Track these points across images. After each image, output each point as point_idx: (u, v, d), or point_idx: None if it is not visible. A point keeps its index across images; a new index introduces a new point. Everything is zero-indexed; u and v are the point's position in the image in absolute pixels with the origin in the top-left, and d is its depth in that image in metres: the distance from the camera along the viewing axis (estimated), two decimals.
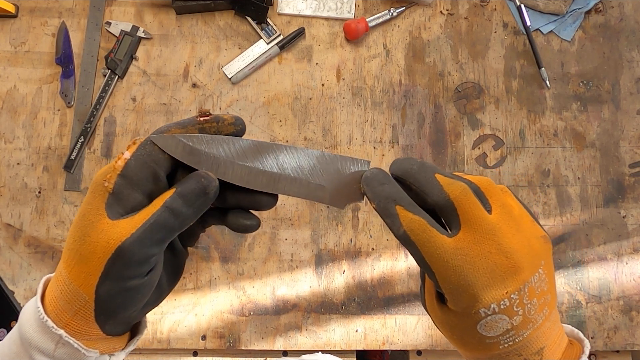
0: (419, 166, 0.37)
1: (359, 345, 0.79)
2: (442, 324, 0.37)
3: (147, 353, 0.79)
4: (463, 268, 0.34)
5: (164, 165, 0.35)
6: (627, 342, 0.79)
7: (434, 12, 0.89)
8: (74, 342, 0.34)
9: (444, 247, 0.34)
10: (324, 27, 0.89)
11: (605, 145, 0.85)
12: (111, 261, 0.33)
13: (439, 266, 0.34)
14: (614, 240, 0.82)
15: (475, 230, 0.34)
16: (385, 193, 0.36)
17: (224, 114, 0.37)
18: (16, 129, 0.84)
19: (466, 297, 0.34)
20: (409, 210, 0.35)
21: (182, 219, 0.34)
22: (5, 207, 0.82)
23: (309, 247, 0.81)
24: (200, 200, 0.35)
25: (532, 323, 0.34)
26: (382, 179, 0.37)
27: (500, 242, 0.34)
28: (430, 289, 0.38)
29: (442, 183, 0.36)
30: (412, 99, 0.86)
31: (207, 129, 0.37)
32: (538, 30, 0.89)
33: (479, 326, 0.34)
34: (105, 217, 0.34)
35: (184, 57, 0.87)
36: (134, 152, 0.35)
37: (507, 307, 0.34)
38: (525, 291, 0.34)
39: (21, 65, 0.86)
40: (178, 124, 0.37)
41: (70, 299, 0.34)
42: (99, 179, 0.35)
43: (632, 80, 0.87)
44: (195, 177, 0.35)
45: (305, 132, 0.85)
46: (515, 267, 0.34)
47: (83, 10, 0.88)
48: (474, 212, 0.35)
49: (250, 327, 0.79)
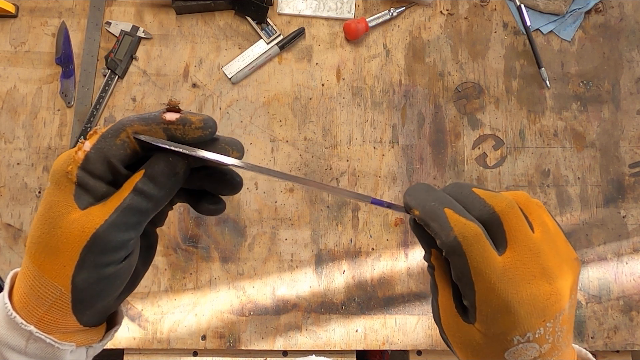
0: (452, 186, 0.34)
1: (359, 345, 0.79)
2: (463, 345, 0.34)
3: (147, 353, 0.79)
4: (508, 293, 0.31)
5: (125, 160, 0.34)
6: (627, 342, 0.79)
7: (434, 12, 0.89)
8: (45, 337, 0.34)
9: (494, 265, 0.31)
10: (324, 27, 0.89)
11: (605, 145, 0.85)
12: (87, 249, 0.32)
13: (484, 286, 0.32)
14: (614, 240, 0.82)
15: (522, 249, 0.32)
16: (432, 197, 0.33)
17: (192, 115, 0.34)
18: (16, 129, 0.84)
19: (504, 322, 0.32)
20: (460, 214, 0.32)
21: (155, 200, 0.33)
22: (5, 207, 0.82)
23: (309, 247, 0.81)
24: (171, 181, 0.33)
25: (557, 350, 0.33)
26: (427, 188, 0.34)
27: (544, 265, 0.32)
28: (448, 304, 0.35)
29: (483, 197, 0.33)
30: (412, 99, 0.86)
31: (172, 130, 0.33)
32: (538, 30, 0.89)
33: (507, 353, 0.33)
34: (75, 207, 0.32)
35: (184, 57, 0.87)
36: (94, 144, 0.33)
37: (540, 335, 0.32)
38: (559, 319, 0.33)
39: (21, 65, 0.86)
40: (142, 119, 0.33)
41: (42, 293, 0.33)
42: (59, 169, 0.33)
43: (632, 80, 0.87)
44: (163, 157, 0.33)
45: (305, 132, 0.85)
46: (557, 295, 0.32)
47: (83, 10, 0.88)
48: (521, 228, 0.32)
49: (250, 327, 0.79)
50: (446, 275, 0.35)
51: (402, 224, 0.82)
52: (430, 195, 0.34)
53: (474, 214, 0.33)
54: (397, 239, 0.82)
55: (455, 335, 0.35)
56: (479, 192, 0.34)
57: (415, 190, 0.35)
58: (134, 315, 0.79)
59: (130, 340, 0.78)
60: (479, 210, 0.33)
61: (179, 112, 0.34)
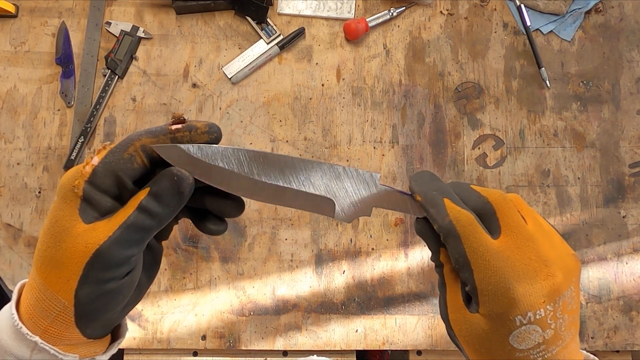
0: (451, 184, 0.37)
1: (359, 345, 0.79)
2: (468, 335, 0.35)
3: (147, 353, 0.79)
4: (504, 270, 0.33)
5: (132, 175, 0.35)
6: (627, 342, 0.79)
7: (434, 12, 0.89)
8: (50, 348, 0.34)
9: (488, 245, 0.34)
10: (324, 27, 0.89)
11: (605, 145, 0.85)
12: (90, 264, 0.33)
13: (480, 264, 0.34)
14: (614, 240, 0.82)
15: (516, 235, 0.34)
16: (434, 186, 0.36)
17: (197, 122, 0.36)
18: (16, 129, 0.84)
19: (504, 300, 0.33)
20: (456, 203, 0.35)
21: (159, 219, 0.34)
22: (5, 207, 0.82)
23: (309, 247, 0.81)
24: (175, 199, 0.34)
25: (561, 340, 0.34)
26: (432, 177, 0.37)
27: (539, 251, 0.34)
28: (456, 298, 0.36)
29: (479, 190, 0.36)
30: (412, 99, 0.86)
31: (179, 138, 0.35)
32: (538, 30, 0.89)
33: (511, 337, 0.33)
34: (80, 222, 0.33)
35: (184, 57, 0.87)
36: (102, 159, 0.34)
37: (542, 317, 0.33)
38: (559, 304, 0.34)
39: (21, 65, 0.86)
40: (149, 132, 0.35)
41: (47, 305, 0.34)
42: (66, 183, 0.34)
43: (632, 80, 0.87)
44: (168, 175, 0.34)
45: (305, 132, 0.85)
46: (555, 277, 0.34)
47: (83, 10, 0.88)
48: (514, 216, 0.35)
49: (250, 327, 0.79)
50: (454, 273, 0.37)
51: (402, 224, 0.82)
52: (433, 184, 0.37)
53: (470, 205, 0.36)
54: (397, 239, 0.82)
55: (462, 328, 0.36)
56: (475, 188, 0.37)
57: (421, 177, 0.38)
58: (134, 315, 0.79)
59: (130, 340, 0.78)
60: (475, 201, 0.36)
61: (184, 122, 0.36)
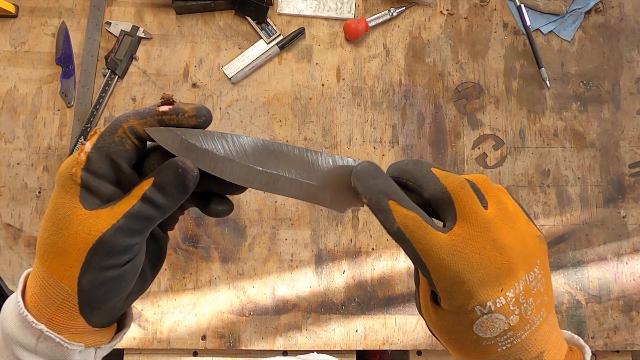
0: (414, 163, 0.36)
1: (359, 345, 0.79)
2: (437, 327, 0.36)
3: (147, 353, 0.79)
4: (458, 264, 0.33)
5: (126, 157, 0.34)
6: (627, 342, 0.79)
7: (434, 12, 0.89)
8: (55, 336, 0.34)
9: (439, 243, 0.33)
10: (324, 27, 0.89)
11: (605, 145, 0.85)
12: (92, 252, 0.33)
13: (434, 264, 0.33)
14: (614, 240, 0.82)
15: (471, 224, 0.34)
16: (377, 187, 0.35)
17: (184, 105, 0.35)
18: (16, 129, 0.84)
19: (461, 294, 0.33)
20: (402, 205, 0.34)
21: (162, 209, 0.34)
22: (5, 207, 0.82)
23: (309, 247, 0.81)
24: (179, 192, 0.34)
25: (529, 324, 0.34)
26: (373, 173, 0.35)
27: (495, 238, 0.34)
28: (425, 292, 0.37)
29: (438, 176, 0.35)
30: (412, 99, 0.86)
31: (165, 121, 0.35)
32: (538, 30, 0.89)
33: (475, 326, 0.34)
34: (81, 209, 0.33)
35: (184, 57, 0.87)
36: (94, 144, 0.34)
37: (503, 305, 0.33)
38: (520, 289, 0.33)
39: (21, 65, 0.86)
40: (137, 114, 0.35)
41: (51, 293, 0.34)
42: (64, 171, 0.34)
43: (632, 80, 0.87)
44: (173, 167, 0.34)
45: (305, 132, 0.85)
46: (510, 264, 0.33)
47: (83, 10, 0.88)
48: (471, 205, 0.34)
49: (250, 327, 0.79)
50: None
51: None
52: (377, 183, 0.35)
53: (428, 193, 0.35)
54: None
55: (433, 322, 0.36)
56: (435, 172, 0.35)
57: (362, 175, 0.36)
58: (134, 315, 0.79)
59: (130, 340, 0.78)
60: (433, 188, 0.35)
61: (172, 104, 0.35)
